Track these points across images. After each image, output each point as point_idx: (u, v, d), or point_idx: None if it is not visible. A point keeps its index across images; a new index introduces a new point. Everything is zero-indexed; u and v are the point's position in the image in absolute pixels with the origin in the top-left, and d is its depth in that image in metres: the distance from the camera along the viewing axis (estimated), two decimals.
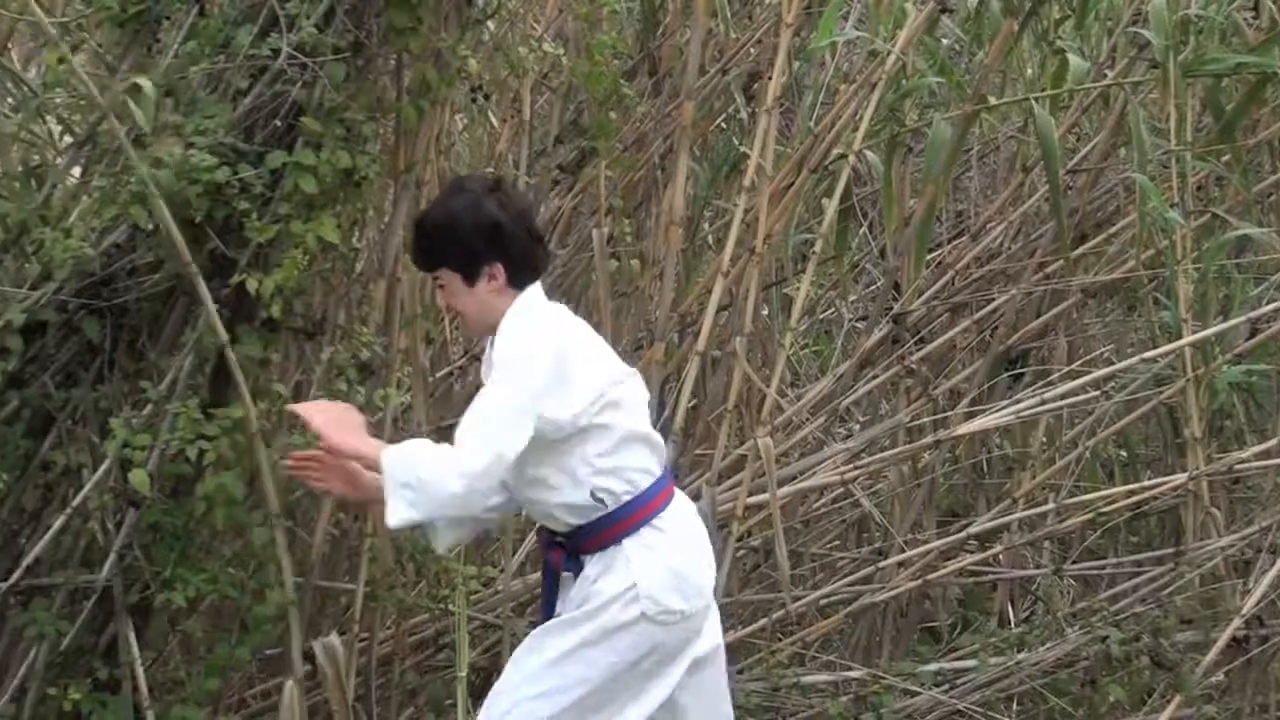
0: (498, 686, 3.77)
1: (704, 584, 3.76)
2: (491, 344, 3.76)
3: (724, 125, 6.14)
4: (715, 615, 3.84)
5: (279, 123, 4.29)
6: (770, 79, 5.05)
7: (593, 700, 3.68)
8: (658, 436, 3.80)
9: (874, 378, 5.92)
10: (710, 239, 6.17)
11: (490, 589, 5.11)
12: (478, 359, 5.90)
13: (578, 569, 3.73)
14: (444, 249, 3.72)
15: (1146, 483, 5.73)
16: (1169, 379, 5.63)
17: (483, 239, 3.69)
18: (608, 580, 3.67)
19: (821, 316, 7.14)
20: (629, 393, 3.73)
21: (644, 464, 3.71)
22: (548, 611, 3.81)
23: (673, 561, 3.70)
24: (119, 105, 4.22)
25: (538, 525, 3.95)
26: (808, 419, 5.78)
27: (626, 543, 3.68)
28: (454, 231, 3.71)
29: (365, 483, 3.78)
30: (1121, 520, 5.83)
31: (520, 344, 3.66)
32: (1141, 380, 5.72)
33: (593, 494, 3.67)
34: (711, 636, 3.82)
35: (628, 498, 3.68)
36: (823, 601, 5.63)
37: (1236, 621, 5.29)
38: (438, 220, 3.77)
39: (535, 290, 3.76)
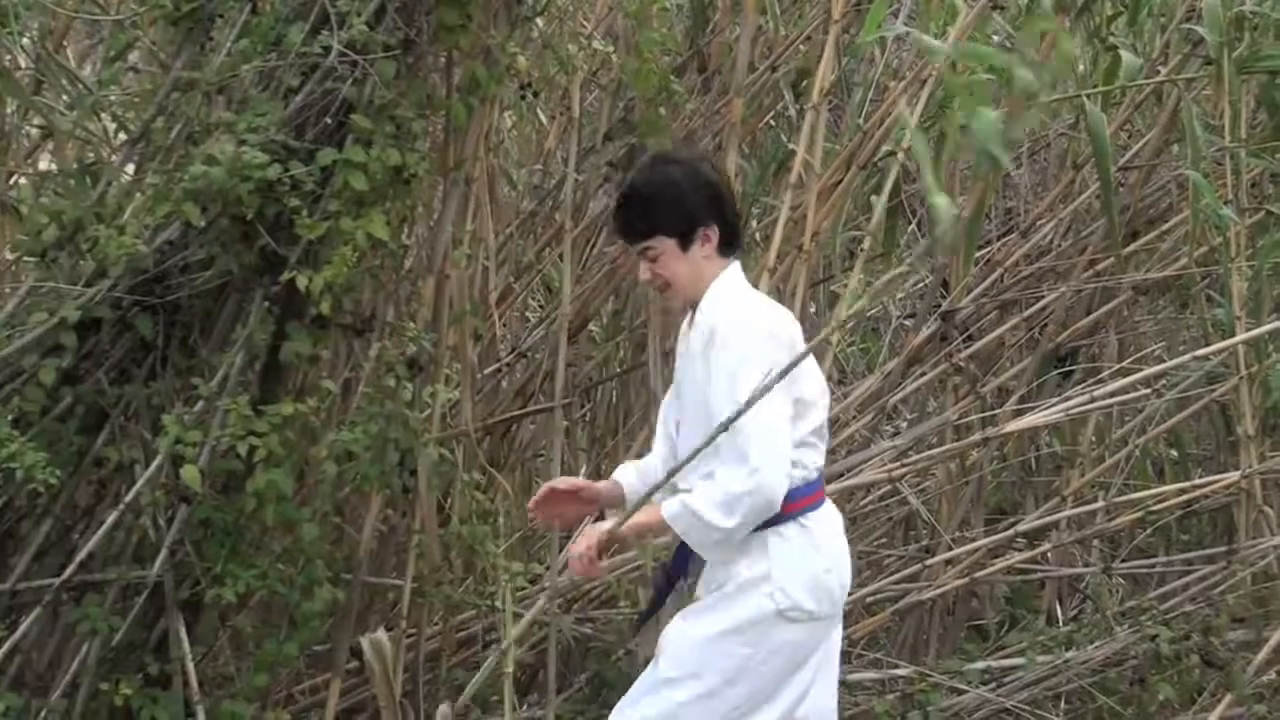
0: (650, 671, 3.75)
1: (836, 592, 3.71)
2: (690, 321, 3.72)
3: (772, 122, 6.13)
4: (840, 624, 3.80)
5: (330, 120, 4.31)
6: (817, 75, 5.03)
7: (728, 693, 3.65)
8: (822, 449, 3.76)
9: (922, 375, 5.90)
10: (758, 236, 6.15)
11: (537, 586, 5.12)
12: (524, 355, 5.93)
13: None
14: (662, 214, 3.67)
15: (1198, 481, 5.69)
16: (1221, 377, 5.59)
17: (702, 201, 3.68)
18: (743, 564, 3.65)
19: (869, 314, 7.11)
20: (815, 393, 3.71)
21: (805, 461, 3.67)
22: (678, 569, 3.78)
23: (810, 560, 3.66)
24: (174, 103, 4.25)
25: None
26: (855, 416, 5.77)
27: (768, 531, 3.64)
28: (675, 194, 3.68)
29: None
30: (1172, 519, 5.80)
31: (755, 323, 3.62)
32: (1193, 378, 5.68)
33: None
34: (837, 642, 3.79)
35: None
36: (870, 599, 5.61)
37: None
38: (655, 185, 3.73)
39: (738, 265, 3.75)
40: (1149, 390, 5.67)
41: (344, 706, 4.83)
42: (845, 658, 5.58)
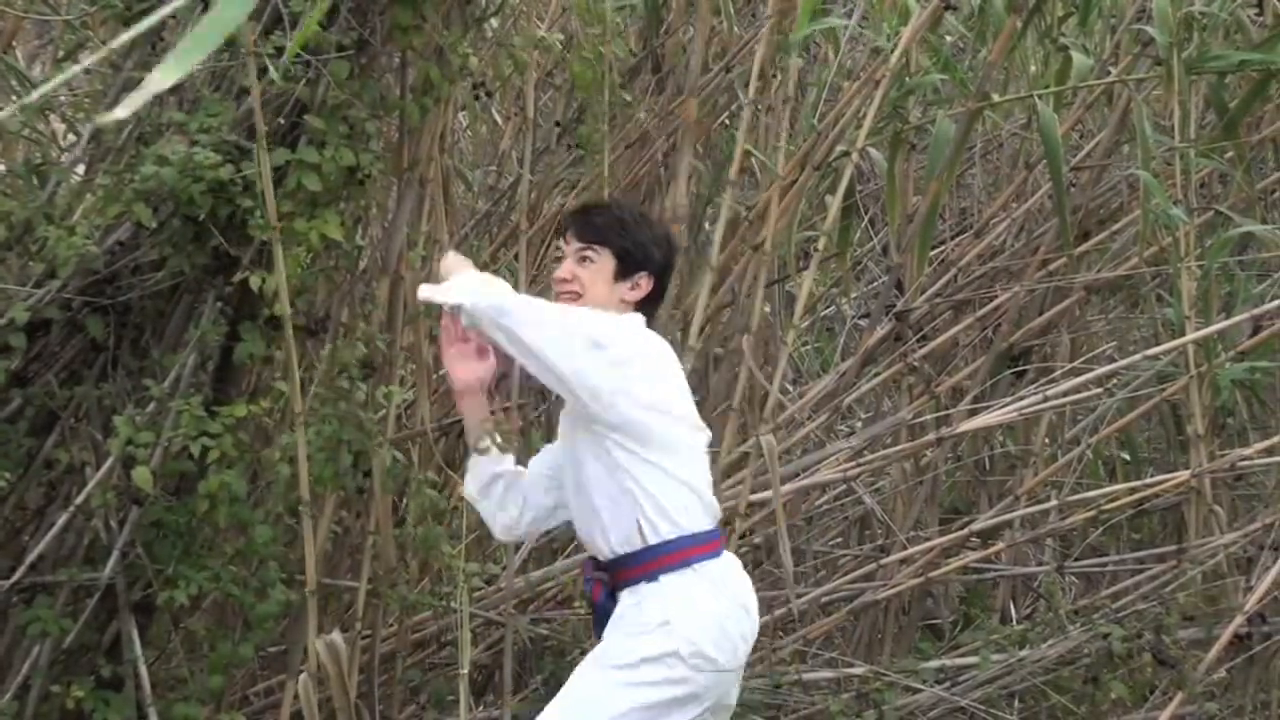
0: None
1: (740, 642, 3.63)
2: None
3: (727, 123, 6.14)
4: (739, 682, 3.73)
5: (282, 120, 4.29)
6: (753, 72, 5.03)
7: None
8: (714, 501, 3.71)
9: (876, 375, 5.92)
10: (712, 236, 6.16)
11: (493, 586, 5.11)
12: None
13: (614, 605, 3.62)
14: (626, 234, 3.68)
15: (1149, 480, 5.72)
16: (1172, 376, 5.63)
17: (661, 252, 3.71)
18: (643, 611, 3.56)
19: (823, 314, 7.13)
20: (698, 441, 3.69)
21: (694, 511, 3.61)
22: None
23: (712, 607, 3.59)
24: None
25: (585, 556, 3.83)
26: (810, 416, 5.79)
27: (664, 578, 3.57)
28: (646, 228, 3.73)
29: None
30: (1124, 517, 5.83)
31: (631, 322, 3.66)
32: (1144, 378, 5.72)
33: (638, 523, 3.56)
34: (732, 702, 3.72)
35: (672, 535, 3.57)
36: (825, 599, 5.63)
37: (1239, 619, 5.29)
38: (634, 212, 3.83)
39: (642, 320, 3.71)
40: (1100, 390, 5.70)
41: (298, 709, 4.80)
42: (802, 657, 5.62)
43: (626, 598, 3.60)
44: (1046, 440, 6.17)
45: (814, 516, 6.18)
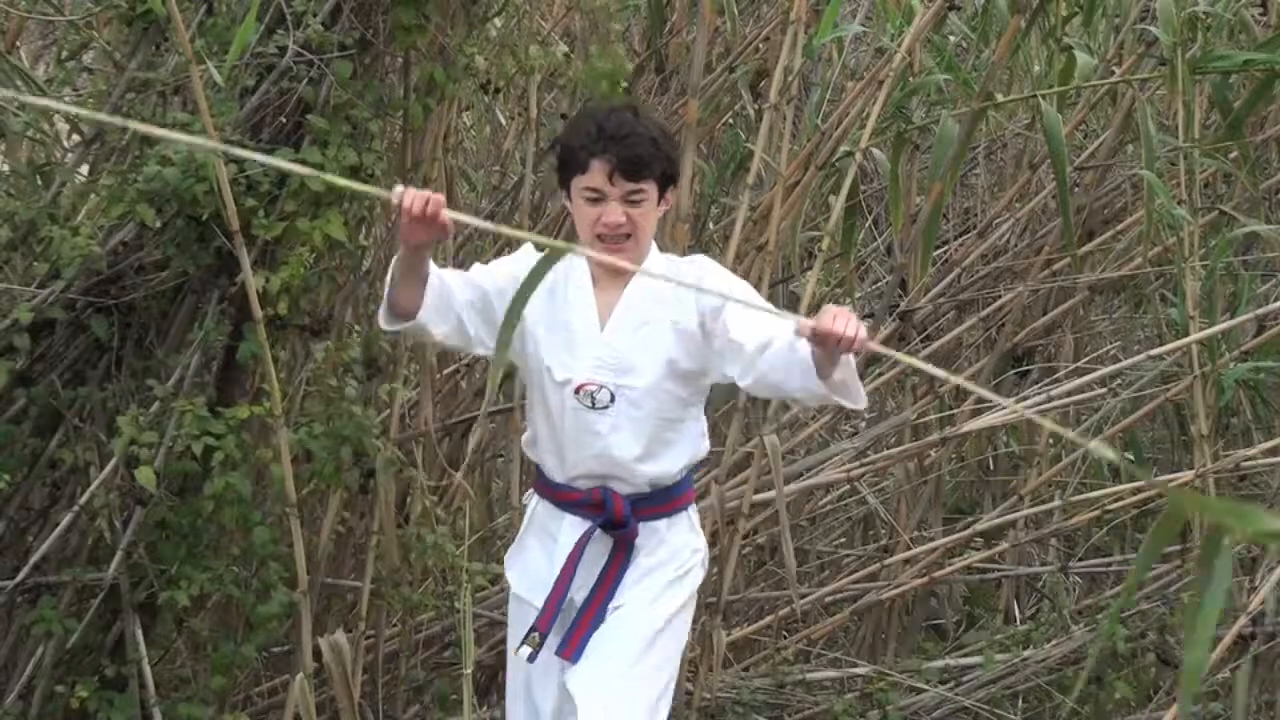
0: (615, 669, 3.55)
1: None
2: (621, 287, 3.53)
3: (731, 122, 6.14)
4: None
5: (286, 120, 4.29)
6: (775, 75, 5.04)
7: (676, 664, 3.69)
8: None
9: (880, 375, 5.92)
10: (716, 236, 6.17)
11: (496, 586, 5.11)
12: (483, 356, 5.90)
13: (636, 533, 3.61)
14: (664, 155, 3.45)
15: (1153, 480, 5.71)
16: (1175, 376, 5.62)
17: (679, 162, 3.57)
18: (690, 538, 3.66)
19: None
20: None
21: None
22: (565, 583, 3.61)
23: None
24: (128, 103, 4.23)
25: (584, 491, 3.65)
26: (814, 416, 5.79)
27: (691, 509, 3.72)
28: (669, 138, 3.54)
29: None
30: (1128, 518, 5.83)
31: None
32: (1148, 378, 5.72)
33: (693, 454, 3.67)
34: None
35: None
36: (828, 599, 5.63)
37: (1242, 619, 5.29)
38: (662, 131, 3.52)
39: None
40: (1104, 390, 5.70)
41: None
42: (805, 657, 5.62)
43: (666, 524, 3.63)
44: (1050, 440, 6.17)
45: (817, 516, 6.18)
